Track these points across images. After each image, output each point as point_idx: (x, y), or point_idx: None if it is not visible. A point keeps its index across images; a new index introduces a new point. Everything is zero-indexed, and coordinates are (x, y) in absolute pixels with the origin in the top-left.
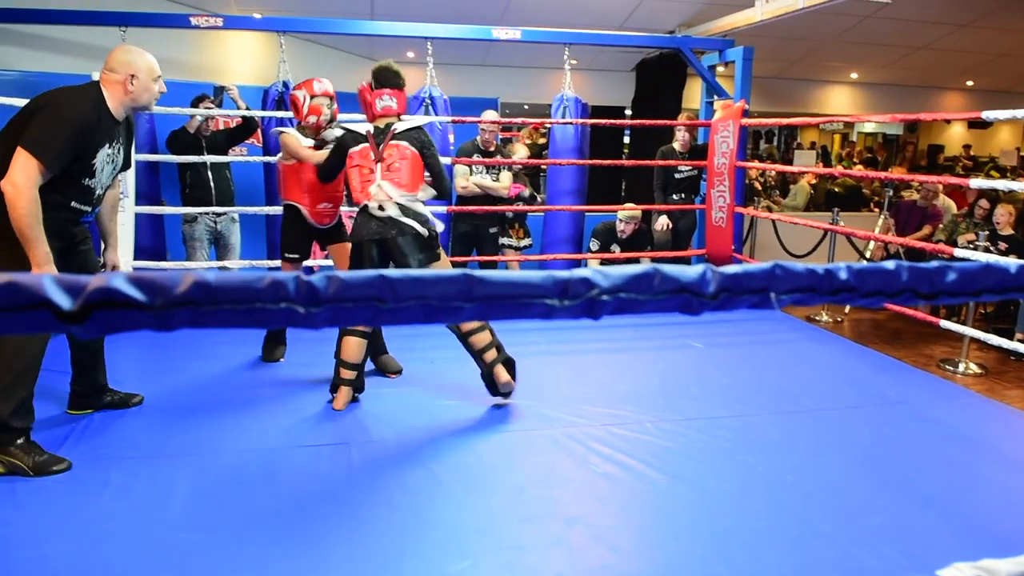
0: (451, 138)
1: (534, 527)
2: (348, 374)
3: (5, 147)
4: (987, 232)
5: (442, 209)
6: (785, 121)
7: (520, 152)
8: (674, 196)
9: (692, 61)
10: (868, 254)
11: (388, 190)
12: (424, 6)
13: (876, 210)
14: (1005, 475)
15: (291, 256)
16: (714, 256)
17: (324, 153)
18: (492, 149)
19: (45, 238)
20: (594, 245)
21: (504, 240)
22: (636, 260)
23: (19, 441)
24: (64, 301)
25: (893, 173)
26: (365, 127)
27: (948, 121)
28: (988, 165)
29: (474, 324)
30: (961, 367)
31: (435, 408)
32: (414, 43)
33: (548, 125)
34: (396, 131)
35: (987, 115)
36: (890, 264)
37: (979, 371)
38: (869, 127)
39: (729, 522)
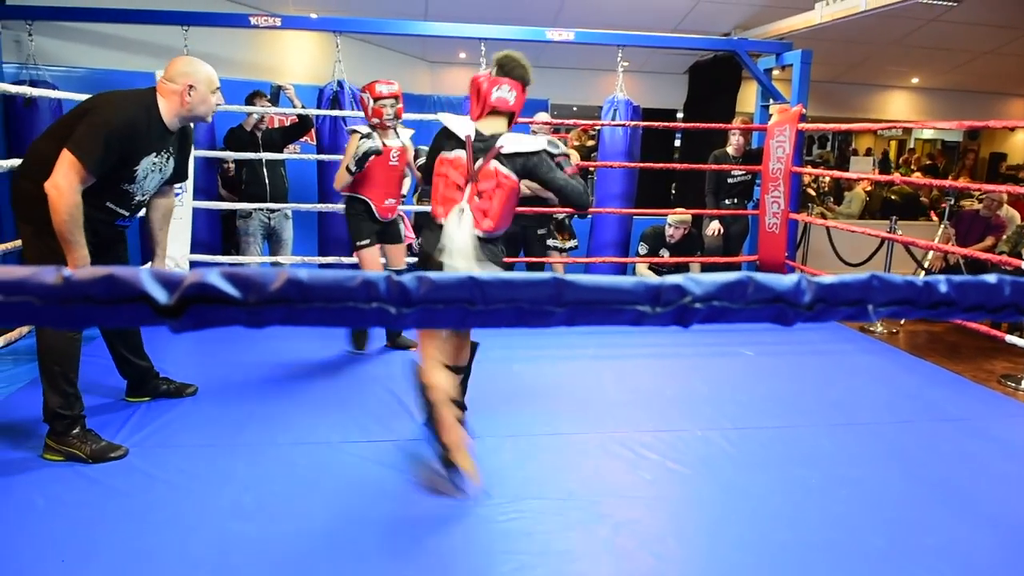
0: None
1: (582, 532)
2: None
3: (52, 145)
4: None
5: None
6: (844, 127)
7: (572, 158)
8: (726, 201)
9: (748, 64)
10: (927, 264)
11: (468, 221)
12: (477, 7)
13: (935, 219)
14: None
15: (362, 244)
16: (766, 263)
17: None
18: None
19: (84, 242)
20: (642, 249)
21: (550, 242)
22: (685, 265)
23: (75, 430)
24: (161, 295)
25: (957, 182)
26: (466, 128)
27: (1011, 128)
28: None
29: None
30: None
31: (481, 409)
32: (466, 44)
33: (597, 127)
34: (501, 151)
35: None
36: (992, 278)
37: None
38: (928, 133)
39: (781, 535)
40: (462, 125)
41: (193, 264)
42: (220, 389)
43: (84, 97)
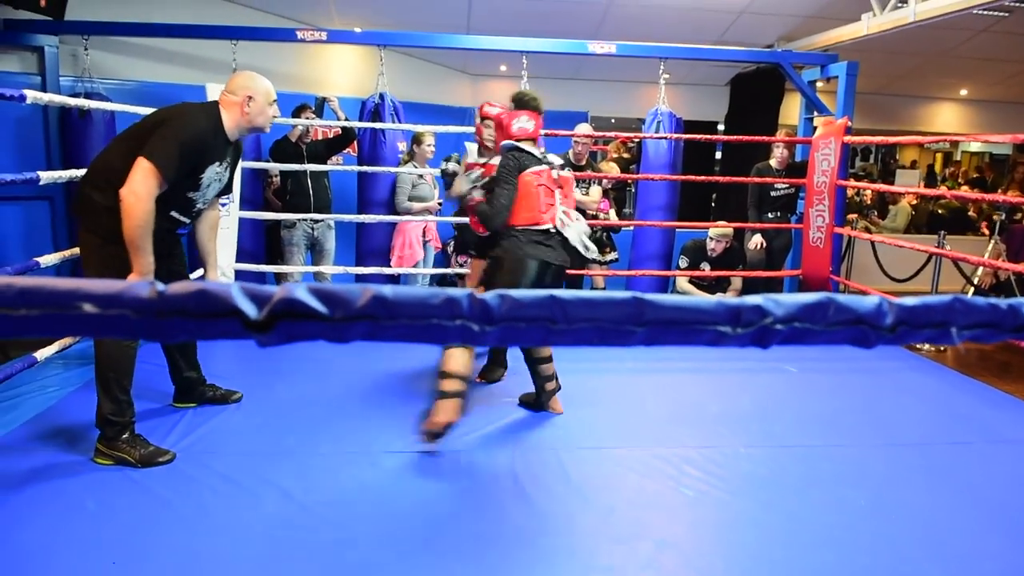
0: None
1: (625, 549)
2: (451, 385)
3: (121, 157)
4: None
5: None
6: (892, 139)
7: (613, 171)
8: (769, 215)
9: (792, 76)
10: (976, 280)
11: (572, 216)
12: (518, 20)
13: (985, 234)
14: None
15: (471, 253)
16: (810, 277)
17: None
18: (583, 163)
19: (151, 249)
20: (683, 262)
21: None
22: (727, 279)
23: (124, 436)
24: (252, 310)
25: (1008, 195)
26: (530, 147)
27: None
28: None
29: (547, 352)
30: None
31: (522, 424)
32: (507, 57)
33: (635, 139)
34: (557, 163)
35: None
36: None
37: None
38: (975, 146)
39: (829, 556)
40: (528, 146)
41: (238, 273)
42: (262, 397)
43: (137, 109)
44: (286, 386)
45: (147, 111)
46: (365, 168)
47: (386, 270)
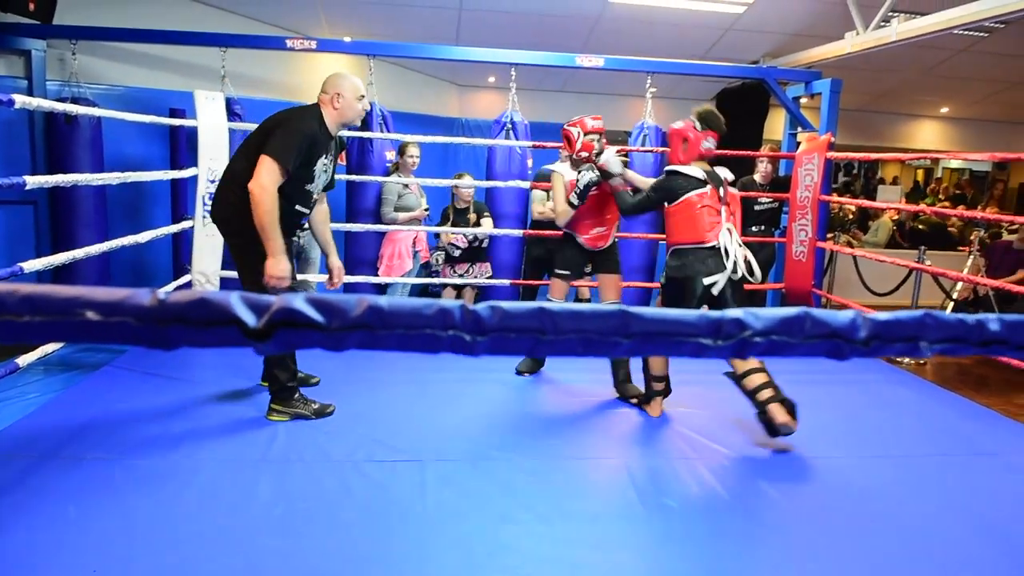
0: (529, 163)
1: (605, 558)
2: (658, 385)
3: (246, 159)
4: None
5: (518, 232)
6: (874, 156)
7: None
8: (752, 228)
9: (777, 92)
10: (955, 295)
11: (735, 237)
12: (507, 33)
13: (964, 249)
14: None
15: (561, 272)
16: (793, 291)
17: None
18: None
19: (280, 234)
20: None
21: None
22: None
23: (296, 396)
24: (251, 319)
25: (989, 212)
26: (699, 171)
27: None
28: None
29: (749, 365)
30: None
31: (509, 431)
32: (495, 68)
33: (626, 151)
34: (727, 179)
35: None
36: None
37: None
38: (955, 163)
39: (811, 568)
40: (691, 169)
41: (223, 280)
42: (245, 405)
43: (124, 115)
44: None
45: (134, 117)
46: (352, 177)
47: (373, 279)
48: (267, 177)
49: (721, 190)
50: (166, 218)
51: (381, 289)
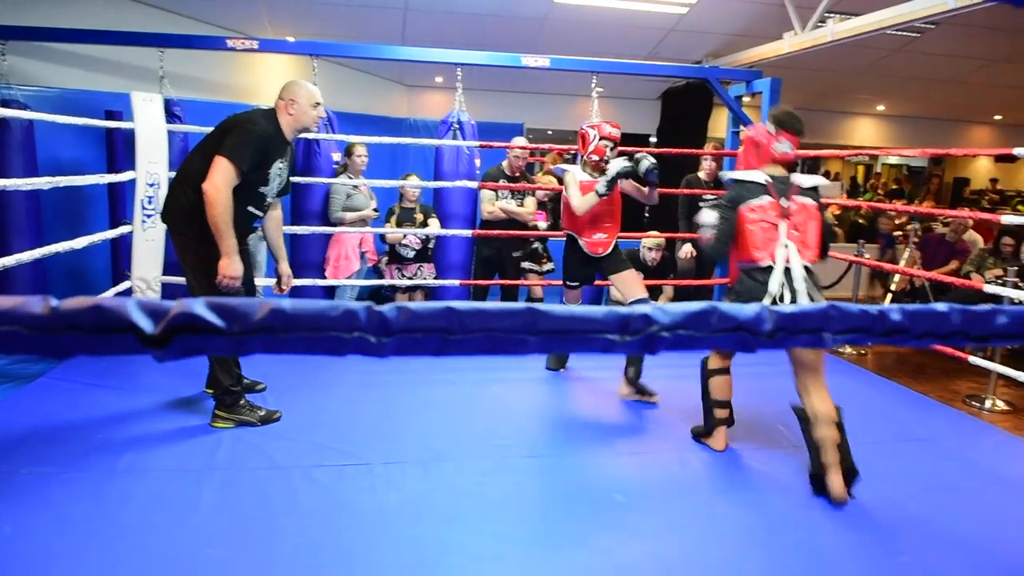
0: (477, 163)
1: (555, 555)
2: (722, 413)
3: (200, 160)
4: (1016, 268)
5: (467, 233)
6: (813, 153)
7: (551, 183)
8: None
9: (719, 91)
10: (893, 287)
11: (794, 253)
12: (455, 32)
13: (902, 243)
14: None
15: (571, 284)
16: None
17: (586, 201)
18: (518, 175)
19: (233, 233)
20: None
21: (526, 265)
22: (659, 288)
23: (242, 402)
24: (148, 325)
25: (922, 206)
26: (761, 176)
27: (973, 155)
28: (1015, 199)
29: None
30: (988, 403)
31: (457, 432)
32: (443, 69)
33: (571, 151)
34: (802, 186)
35: (1019, 151)
36: (942, 306)
37: (1006, 408)
38: (894, 159)
39: (755, 556)
40: (752, 175)
41: (165, 286)
42: (189, 413)
43: (57, 118)
44: (205, 400)
45: (69, 120)
46: (298, 179)
47: (320, 282)
48: (221, 177)
49: (784, 201)
50: (104, 223)
51: (329, 291)
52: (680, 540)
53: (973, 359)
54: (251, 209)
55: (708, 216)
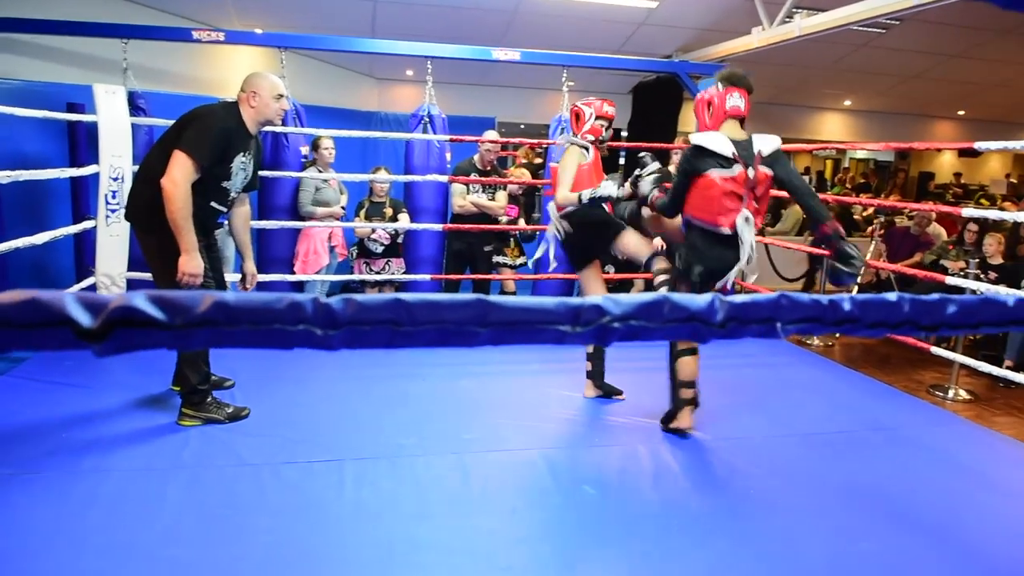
0: (448, 156)
1: (525, 549)
2: (688, 393)
3: (159, 155)
4: (977, 260)
5: (438, 227)
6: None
7: (523, 176)
8: None
9: (688, 85)
10: (859, 279)
11: (751, 226)
12: (425, 25)
13: (868, 234)
14: (995, 502)
15: (587, 263)
16: None
17: (569, 197)
18: (489, 168)
19: (193, 228)
20: None
21: (498, 258)
22: (630, 280)
23: (209, 400)
24: (85, 319)
25: (887, 200)
26: (727, 146)
27: (938, 149)
28: (978, 193)
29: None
30: (951, 393)
31: (427, 427)
32: (413, 61)
33: (544, 145)
34: (763, 154)
35: (979, 145)
36: (892, 296)
37: (968, 397)
38: (861, 153)
39: (722, 545)
40: (718, 142)
41: (130, 282)
42: (155, 411)
43: (15, 110)
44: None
45: (29, 112)
46: (266, 173)
47: (288, 277)
48: (179, 172)
49: (751, 171)
50: (67, 218)
51: (298, 287)
52: (648, 530)
53: (936, 350)
54: (214, 204)
55: (609, 188)
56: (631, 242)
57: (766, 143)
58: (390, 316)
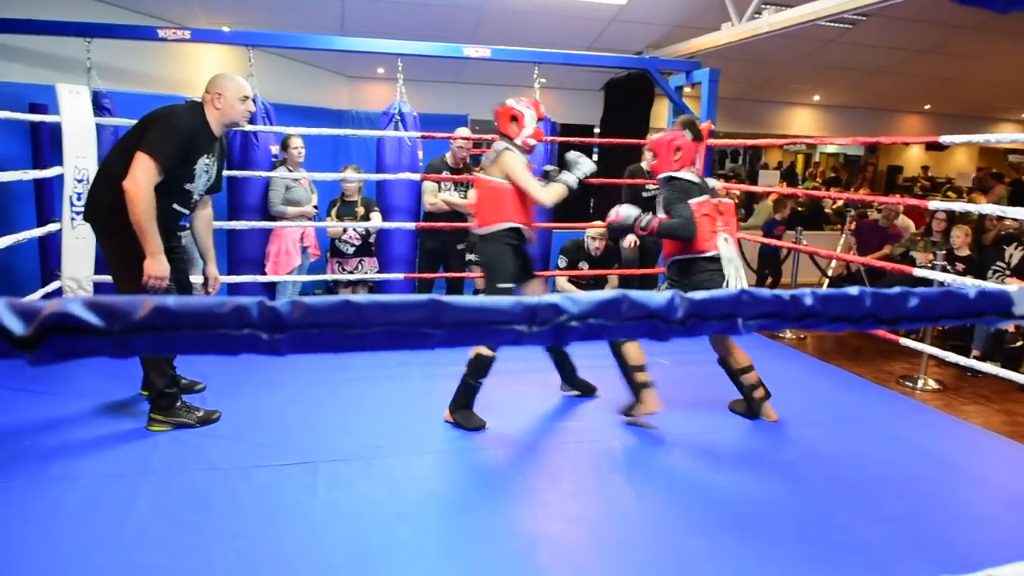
0: (420, 154)
1: (495, 548)
2: (643, 376)
3: (121, 156)
4: (944, 252)
5: (410, 225)
6: (751, 142)
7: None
8: None
9: (659, 82)
10: (830, 272)
11: (732, 243)
12: (395, 22)
13: (839, 228)
14: (964, 491)
15: (504, 287)
16: None
17: (555, 191)
18: (461, 166)
19: (157, 231)
20: (562, 262)
21: (472, 257)
22: (604, 277)
23: (178, 404)
24: (16, 326)
25: (856, 193)
26: (695, 177)
27: (906, 143)
28: (945, 186)
29: (746, 361)
30: (920, 383)
31: (398, 427)
32: (384, 59)
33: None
34: (715, 187)
35: (944, 139)
36: (854, 290)
37: (937, 387)
38: (831, 148)
39: (697, 540)
40: (690, 176)
41: (98, 285)
42: (123, 417)
43: None
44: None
45: None
46: (235, 173)
47: (260, 278)
48: (142, 174)
49: (715, 198)
50: (31, 221)
51: (269, 288)
52: (622, 524)
53: (905, 341)
54: (177, 207)
55: (630, 211)
56: (535, 290)
57: (713, 183)
58: (339, 319)
